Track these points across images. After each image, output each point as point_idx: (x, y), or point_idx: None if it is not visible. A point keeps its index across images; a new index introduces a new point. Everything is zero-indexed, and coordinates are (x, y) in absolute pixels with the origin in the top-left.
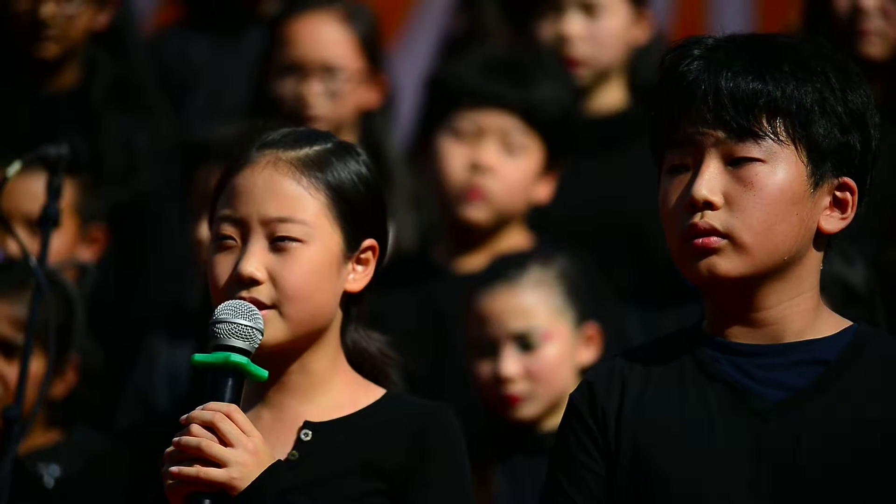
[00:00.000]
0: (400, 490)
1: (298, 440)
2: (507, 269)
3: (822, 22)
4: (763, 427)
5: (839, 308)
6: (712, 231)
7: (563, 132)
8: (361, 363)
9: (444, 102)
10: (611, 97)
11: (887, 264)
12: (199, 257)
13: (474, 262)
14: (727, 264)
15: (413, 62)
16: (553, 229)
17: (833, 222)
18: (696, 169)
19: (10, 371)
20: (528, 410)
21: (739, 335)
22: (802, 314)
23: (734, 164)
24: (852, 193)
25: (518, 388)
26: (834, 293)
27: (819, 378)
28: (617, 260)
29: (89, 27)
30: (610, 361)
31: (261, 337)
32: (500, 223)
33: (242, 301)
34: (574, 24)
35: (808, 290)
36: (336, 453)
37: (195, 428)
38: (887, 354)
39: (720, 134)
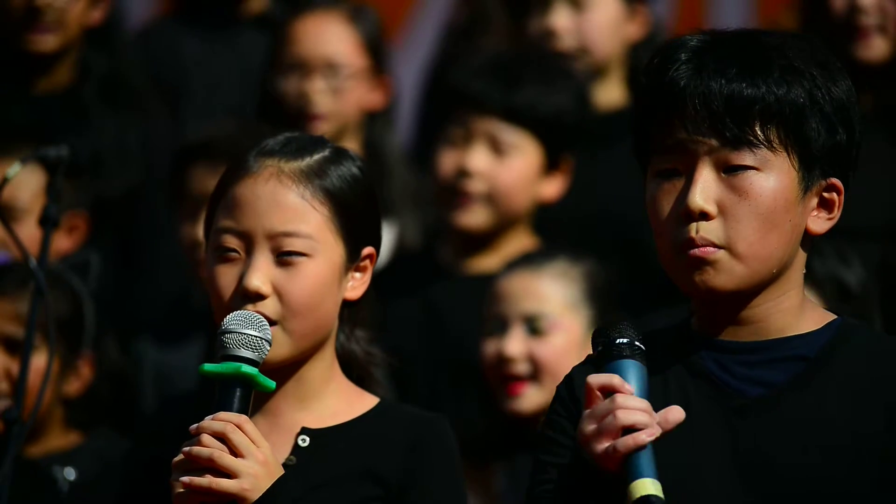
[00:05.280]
0: (396, 497)
1: (296, 446)
2: (535, 256)
3: (818, 21)
4: (740, 423)
5: (833, 305)
6: (709, 245)
7: (559, 130)
8: (349, 364)
9: (442, 107)
10: (609, 94)
11: (890, 268)
12: (199, 257)
13: (481, 263)
14: (723, 277)
15: (415, 54)
16: (550, 229)
17: (820, 223)
18: (688, 176)
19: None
20: (527, 402)
21: (726, 332)
22: (786, 311)
23: (728, 171)
24: (839, 193)
25: (519, 367)
26: (829, 291)
27: (798, 375)
28: (613, 261)
29: (83, 21)
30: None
31: (269, 347)
32: (503, 224)
33: (251, 311)
34: (560, 18)
35: (793, 288)
36: (333, 460)
37: (206, 438)
38: (870, 349)
39: (714, 142)
